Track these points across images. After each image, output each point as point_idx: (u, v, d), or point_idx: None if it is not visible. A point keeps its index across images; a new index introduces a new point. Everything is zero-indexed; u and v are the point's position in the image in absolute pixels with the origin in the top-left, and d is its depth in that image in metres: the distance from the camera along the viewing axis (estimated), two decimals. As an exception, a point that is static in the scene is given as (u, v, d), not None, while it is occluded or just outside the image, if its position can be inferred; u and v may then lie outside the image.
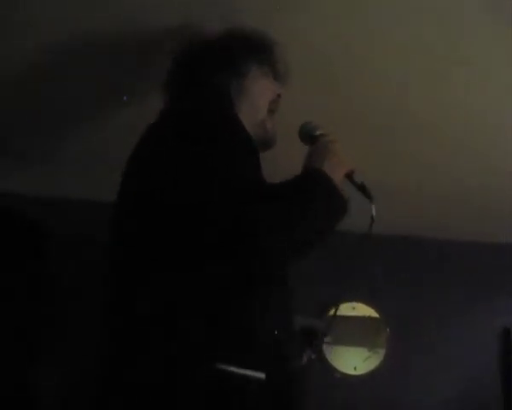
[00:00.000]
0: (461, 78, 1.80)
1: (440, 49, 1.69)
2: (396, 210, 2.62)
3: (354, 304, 2.87)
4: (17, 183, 2.49)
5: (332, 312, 1.35)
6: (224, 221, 1.01)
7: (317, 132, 1.33)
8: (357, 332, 2.86)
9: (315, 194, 1.12)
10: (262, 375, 1.05)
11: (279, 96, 1.45)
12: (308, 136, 1.35)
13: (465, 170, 2.34)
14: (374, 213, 1.27)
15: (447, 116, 2.00)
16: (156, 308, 1.05)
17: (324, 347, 2.79)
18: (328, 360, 2.80)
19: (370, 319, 2.89)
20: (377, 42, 1.67)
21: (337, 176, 1.19)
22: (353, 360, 2.83)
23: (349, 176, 1.28)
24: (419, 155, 2.25)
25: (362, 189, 1.29)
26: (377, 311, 2.90)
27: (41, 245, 2.48)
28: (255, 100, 1.37)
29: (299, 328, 1.48)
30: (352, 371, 2.82)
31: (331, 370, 2.79)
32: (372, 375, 2.80)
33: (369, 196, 1.28)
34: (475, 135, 2.09)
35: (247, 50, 1.40)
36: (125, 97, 1.86)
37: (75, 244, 2.51)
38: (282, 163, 1.27)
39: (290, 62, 1.49)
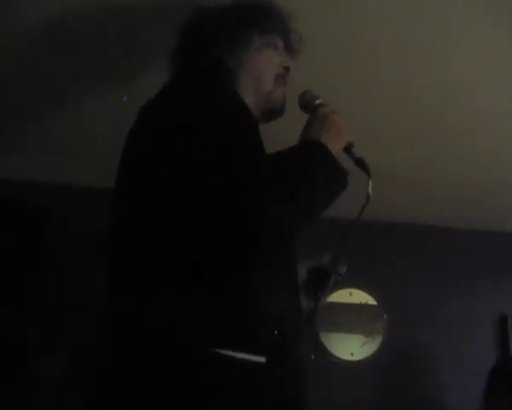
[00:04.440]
0: (459, 67, 1.81)
1: (441, 44, 1.71)
2: (397, 196, 2.63)
3: (351, 290, 2.88)
4: (13, 169, 2.49)
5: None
6: (225, 195, 0.98)
7: (317, 102, 1.26)
8: (353, 319, 2.86)
9: (311, 164, 1.07)
10: (262, 359, 1.03)
11: (287, 68, 1.37)
12: (307, 105, 1.28)
13: (467, 159, 2.34)
14: (370, 189, 1.19)
15: (448, 106, 2.00)
16: (155, 291, 1.04)
17: (322, 335, 2.80)
18: (325, 345, 2.81)
19: (367, 305, 2.90)
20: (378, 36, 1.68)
21: (335, 148, 1.14)
22: (350, 346, 2.84)
23: (347, 149, 1.22)
24: (422, 143, 2.25)
25: (360, 163, 1.22)
26: (374, 297, 2.90)
27: (40, 229, 2.48)
28: (258, 72, 1.32)
29: (306, 272, 1.38)
30: (348, 357, 2.83)
31: (328, 355, 2.80)
32: (370, 360, 2.82)
33: (366, 171, 1.21)
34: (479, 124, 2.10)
35: (249, 20, 1.34)
36: (124, 98, 1.85)
37: (73, 229, 2.52)
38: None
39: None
